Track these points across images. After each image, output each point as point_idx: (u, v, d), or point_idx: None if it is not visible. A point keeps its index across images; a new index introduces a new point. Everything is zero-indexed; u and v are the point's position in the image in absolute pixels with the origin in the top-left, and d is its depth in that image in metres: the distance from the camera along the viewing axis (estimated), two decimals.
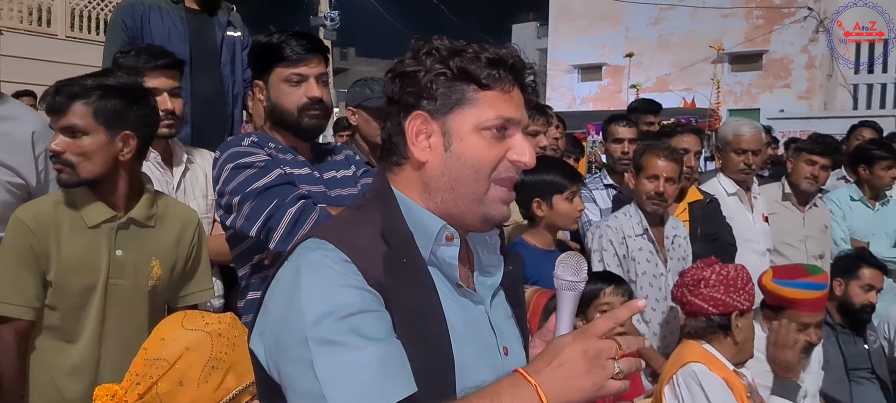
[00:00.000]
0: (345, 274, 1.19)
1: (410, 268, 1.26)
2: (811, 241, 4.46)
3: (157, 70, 2.70)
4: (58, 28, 12.52)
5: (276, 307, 1.23)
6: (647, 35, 22.63)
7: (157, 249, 2.32)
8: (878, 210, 5.01)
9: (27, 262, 2.14)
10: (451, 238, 1.32)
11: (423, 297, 1.26)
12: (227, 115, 3.39)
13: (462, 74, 1.30)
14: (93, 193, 2.22)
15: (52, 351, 2.21)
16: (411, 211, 1.32)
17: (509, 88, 1.33)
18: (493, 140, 1.31)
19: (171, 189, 2.79)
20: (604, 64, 23.85)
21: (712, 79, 17.78)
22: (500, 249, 1.47)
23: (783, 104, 19.77)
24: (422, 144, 1.32)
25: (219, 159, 2.34)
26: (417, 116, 1.31)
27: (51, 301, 2.18)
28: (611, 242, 3.38)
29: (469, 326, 1.31)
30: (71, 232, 2.18)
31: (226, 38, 3.40)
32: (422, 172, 1.33)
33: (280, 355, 1.19)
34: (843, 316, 4.00)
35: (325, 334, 1.13)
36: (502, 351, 1.37)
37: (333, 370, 1.12)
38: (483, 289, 1.40)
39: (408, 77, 1.31)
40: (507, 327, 1.42)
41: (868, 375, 3.97)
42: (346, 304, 1.16)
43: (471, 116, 1.30)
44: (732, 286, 2.82)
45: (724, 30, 21.24)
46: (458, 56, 1.30)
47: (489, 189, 1.32)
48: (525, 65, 1.36)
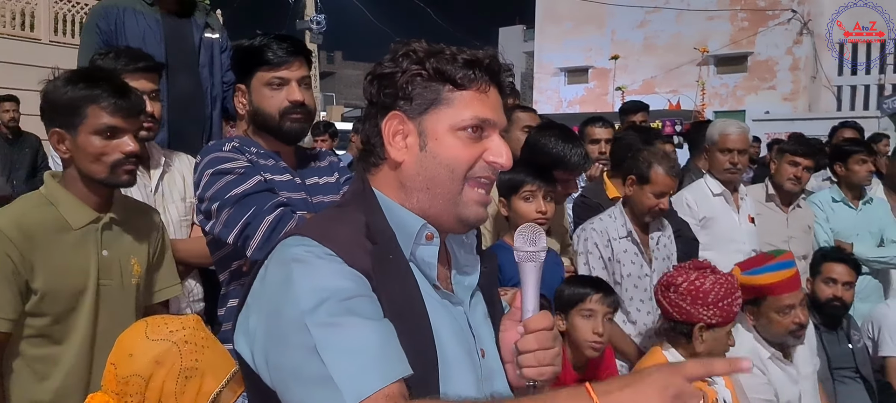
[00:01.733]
0: (333, 263, 1.20)
1: (396, 265, 1.27)
2: (794, 242, 4.48)
3: (138, 72, 2.67)
4: (41, 32, 12.43)
5: (264, 303, 1.22)
6: (632, 38, 22.68)
7: (133, 248, 2.31)
8: (861, 210, 5.03)
9: (5, 272, 2.07)
10: (431, 237, 1.33)
11: (408, 295, 1.26)
12: (205, 117, 3.37)
13: (438, 75, 1.31)
14: (73, 195, 2.20)
15: (41, 357, 2.16)
16: (392, 210, 1.33)
17: (486, 89, 1.34)
18: (469, 140, 1.31)
19: (149, 192, 2.77)
20: (590, 66, 23.88)
21: (697, 81, 17.85)
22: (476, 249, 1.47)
23: (768, 106, 19.85)
24: (398, 144, 1.33)
25: (199, 164, 2.32)
26: (394, 116, 1.32)
27: (38, 308, 2.13)
28: (596, 245, 3.37)
29: (450, 327, 1.31)
30: (55, 236, 2.15)
31: (204, 39, 3.37)
32: (398, 172, 1.33)
33: (276, 348, 1.17)
34: (816, 312, 4.01)
35: (324, 318, 1.14)
36: (480, 353, 1.37)
37: (338, 350, 1.12)
38: (461, 290, 1.40)
39: (385, 78, 1.32)
40: (485, 328, 1.42)
41: (852, 375, 3.99)
42: (342, 289, 1.17)
43: (446, 116, 1.31)
44: (701, 299, 2.78)
45: (710, 32, 21.32)
46: (434, 57, 1.31)
47: (463, 189, 1.32)
48: (502, 66, 1.36)
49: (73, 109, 2.14)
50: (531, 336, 1.34)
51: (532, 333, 1.34)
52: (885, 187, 5.32)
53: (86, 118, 2.14)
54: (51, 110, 2.18)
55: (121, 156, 2.17)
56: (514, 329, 1.41)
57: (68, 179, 2.23)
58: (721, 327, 2.80)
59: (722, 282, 2.80)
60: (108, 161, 2.17)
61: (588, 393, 1.08)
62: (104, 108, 2.14)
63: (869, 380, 4.02)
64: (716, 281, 2.80)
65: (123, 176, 2.20)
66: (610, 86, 22.49)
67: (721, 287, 2.79)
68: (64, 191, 2.21)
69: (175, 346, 1.69)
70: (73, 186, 2.21)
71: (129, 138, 2.19)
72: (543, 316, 1.36)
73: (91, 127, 2.14)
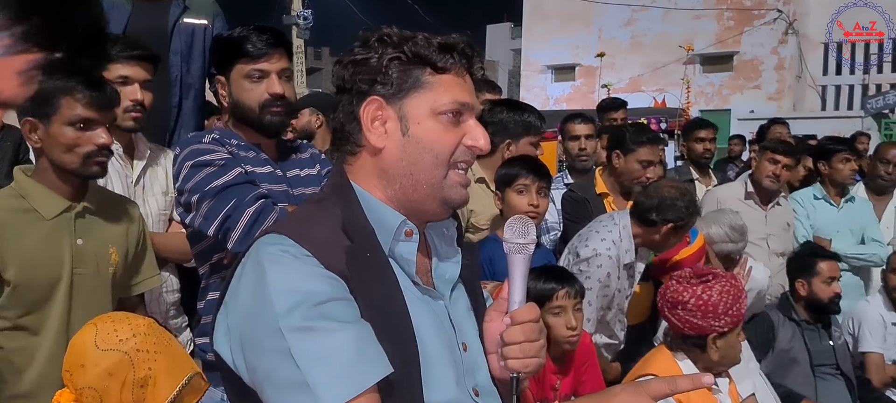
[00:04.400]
0: (309, 264, 1.18)
1: (374, 263, 1.25)
2: (773, 239, 4.52)
3: (132, 59, 2.68)
4: None
5: (241, 304, 1.20)
6: (619, 36, 22.76)
7: (110, 237, 2.30)
8: (842, 208, 5.07)
9: None
10: (410, 233, 1.31)
11: (387, 293, 1.24)
12: (172, 106, 3.26)
13: (416, 58, 1.29)
14: (44, 185, 2.19)
15: (14, 348, 2.15)
16: (370, 205, 1.30)
17: (462, 73, 1.33)
18: (449, 124, 1.30)
19: (130, 183, 2.74)
20: (577, 64, 23.95)
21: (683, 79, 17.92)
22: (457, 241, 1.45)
23: (753, 105, 19.98)
24: (378, 130, 1.30)
25: (178, 156, 2.30)
26: (372, 101, 1.29)
27: (11, 299, 2.12)
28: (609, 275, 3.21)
29: (430, 322, 1.29)
30: (29, 227, 2.13)
31: (180, 24, 3.25)
32: (379, 159, 1.31)
33: (252, 351, 1.16)
34: (811, 312, 4.05)
35: (299, 322, 1.12)
36: (462, 347, 1.34)
37: (313, 355, 1.10)
38: (442, 284, 1.38)
39: (359, 64, 1.29)
40: (467, 322, 1.40)
41: (833, 371, 4.03)
42: (316, 292, 1.15)
43: (427, 100, 1.29)
44: (711, 312, 2.74)
45: (696, 31, 21.42)
46: (410, 42, 1.29)
47: (448, 173, 1.31)
48: (475, 51, 1.35)
49: (46, 99, 2.14)
50: (517, 328, 1.33)
51: (519, 325, 1.33)
52: (866, 188, 5.36)
53: (59, 108, 2.15)
54: None
55: (93, 148, 2.18)
56: (499, 319, 1.39)
57: (39, 170, 2.22)
58: (733, 331, 2.79)
59: (727, 290, 2.75)
60: (81, 152, 2.17)
61: None
62: (78, 100, 2.15)
63: (849, 376, 4.06)
64: (722, 290, 2.75)
65: (94, 167, 2.21)
66: (597, 84, 22.53)
67: (728, 294, 2.75)
68: (34, 182, 2.20)
69: (126, 356, 1.66)
70: (43, 177, 2.21)
71: (103, 130, 2.20)
72: (530, 308, 1.36)
73: (64, 118, 2.15)
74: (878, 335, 4.42)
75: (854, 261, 4.95)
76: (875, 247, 4.93)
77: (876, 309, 4.51)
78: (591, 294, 3.17)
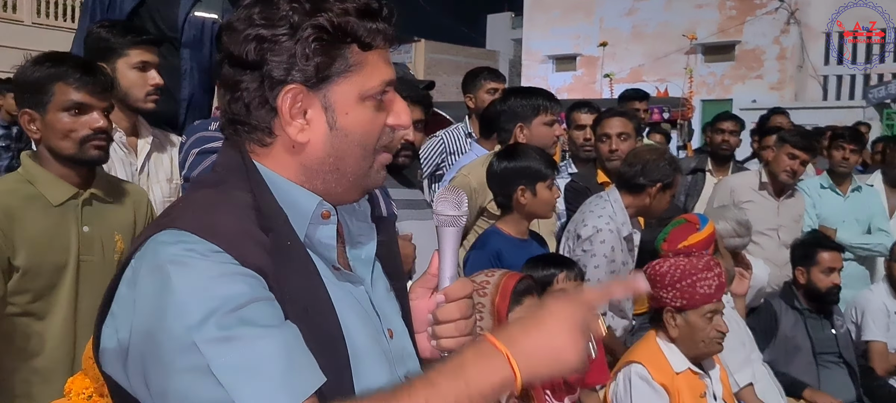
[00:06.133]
0: (221, 262, 1.00)
1: (294, 254, 1.09)
2: (784, 231, 4.51)
3: (149, 44, 2.74)
4: (24, 14, 12.32)
5: (139, 317, 1.00)
6: (620, 25, 22.70)
7: (117, 224, 2.31)
8: (848, 197, 5.07)
9: None
10: (327, 215, 1.16)
11: (310, 287, 1.09)
12: (181, 99, 3.27)
13: (340, 34, 1.09)
14: (51, 172, 2.20)
15: (24, 333, 2.16)
16: (279, 187, 1.13)
17: (387, 45, 1.15)
18: (374, 109, 1.14)
19: (134, 171, 2.75)
20: (578, 54, 23.90)
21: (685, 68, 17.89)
22: (371, 216, 1.29)
23: (755, 95, 19.94)
24: (299, 123, 1.11)
25: (185, 143, 2.30)
26: (290, 90, 1.09)
27: (20, 285, 2.12)
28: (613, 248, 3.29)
29: (355, 314, 1.15)
30: (36, 213, 2.15)
31: (191, 17, 3.26)
32: (300, 155, 1.12)
33: (158, 372, 0.97)
34: (811, 301, 4.05)
35: (216, 332, 0.94)
36: (387, 334, 1.21)
37: (237, 368, 0.93)
38: (359, 266, 1.23)
39: (269, 42, 1.08)
40: (389, 305, 1.26)
41: (836, 359, 4.03)
42: (233, 295, 0.97)
43: (355, 85, 1.11)
44: (658, 282, 2.82)
45: (698, 20, 21.36)
46: (323, 10, 1.08)
47: (374, 162, 1.17)
48: (393, 10, 1.15)
49: (40, 88, 2.16)
50: (453, 305, 1.24)
51: (454, 302, 1.24)
52: (883, 180, 5.37)
53: (53, 96, 2.16)
54: (20, 91, 2.21)
55: (89, 132, 2.18)
56: (427, 296, 1.29)
57: (43, 158, 2.23)
58: (692, 310, 2.79)
59: (680, 265, 2.81)
60: (77, 137, 2.17)
61: (493, 345, 1.02)
62: (70, 85, 2.16)
63: (852, 365, 4.06)
64: (673, 264, 2.82)
65: (92, 151, 2.21)
66: (598, 74, 22.51)
67: (677, 268, 2.80)
68: (41, 169, 2.21)
69: None
70: (50, 165, 2.21)
71: (98, 114, 2.20)
72: (464, 284, 1.26)
73: (59, 104, 2.16)
74: (882, 323, 4.42)
75: (859, 251, 4.95)
76: (881, 237, 4.92)
77: (879, 298, 4.51)
78: (599, 271, 3.23)
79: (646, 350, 2.85)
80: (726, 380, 3.02)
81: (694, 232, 3.26)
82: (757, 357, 3.62)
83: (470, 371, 0.99)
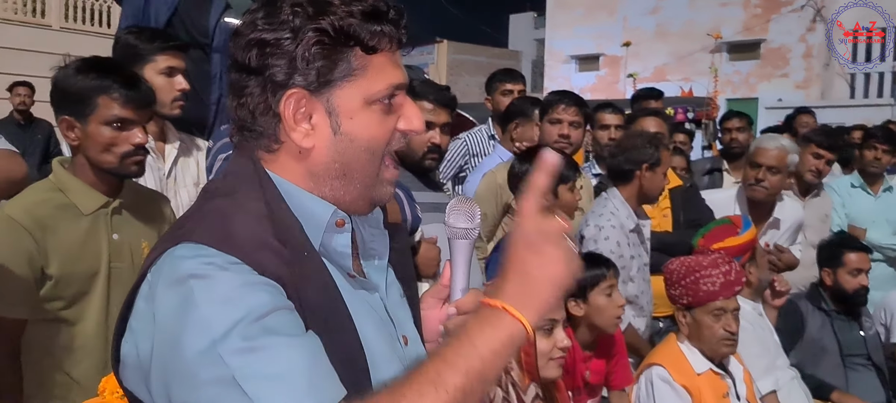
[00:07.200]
0: (241, 272, 1.00)
1: (311, 264, 1.09)
2: (809, 230, 4.45)
3: (175, 50, 2.77)
4: (52, 19, 12.49)
5: (160, 331, 0.99)
6: (644, 24, 22.57)
7: (143, 232, 2.34)
8: (879, 197, 5.00)
9: (20, 260, 2.09)
10: (342, 223, 1.15)
11: (327, 295, 1.09)
12: (211, 102, 3.32)
13: (343, 37, 1.08)
14: (82, 181, 2.22)
15: (56, 339, 2.19)
16: (293, 196, 1.12)
17: (394, 47, 1.13)
18: (382, 113, 1.12)
19: (162, 176, 2.78)
20: (601, 54, 23.80)
21: (710, 67, 17.74)
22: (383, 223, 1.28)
23: (781, 93, 19.73)
24: (303, 128, 1.10)
25: (212, 149, 2.33)
26: (293, 95, 1.08)
27: (53, 292, 2.15)
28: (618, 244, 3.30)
29: (371, 320, 1.16)
30: (68, 223, 2.17)
31: (221, 23, 3.32)
32: (306, 160, 1.12)
33: (182, 386, 0.96)
34: (838, 303, 4.00)
35: (241, 343, 0.94)
36: (402, 341, 1.22)
37: (263, 378, 0.93)
38: (374, 273, 1.23)
39: (270, 46, 1.07)
40: (402, 311, 1.26)
41: (864, 362, 3.97)
42: (255, 305, 0.97)
43: (359, 89, 1.10)
44: (667, 280, 2.89)
45: (722, 19, 21.18)
46: (328, 13, 1.07)
47: (381, 168, 1.15)
48: (402, 12, 1.13)
49: (83, 98, 2.15)
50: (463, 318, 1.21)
51: (464, 315, 1.23)
52: None
53: (96, 108, 2.15)
54: (61, 98, 2.20)
55: (130, 148, 2.19)
56: (439, 307, 1.30)
57: (77, 166, 2.25)
58: (698, 308, 2.80)
59: (686, 262, 2.86)
60: (118, 151, 2.18)
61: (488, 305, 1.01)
62: (115, 99, 2.15)
63: (881, 367, 4.00)
64: (682, 262, 2.86)
65: (132, 167, 2.23)
66: (621, 74, 22.41)
67: (683, 265, 2.85)
68: (73, 177, 2.23)
69: None
70: (82, 173, 2.23)
71: (139, 130, 2.21)
72: (475, 296, 1.24)
73: (101, 117, 2.16)
74: None
75: (889, 252, 4.88)
76: None
77: None
78: None
79: (666, 352, 2.85)
80: (750, 381, 3.00)
81: (733, 234, 3.25)
82: (783, 364, 3.58)
83: (475, 335, 0.99)
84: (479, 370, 0.97)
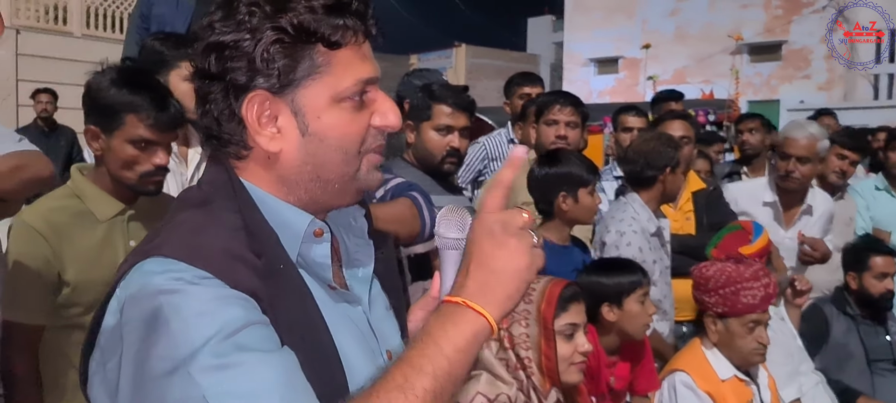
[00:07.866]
0: (211, 288, 0.96)
1: (287, 276, 1.05)
2: (834, 233, 4.39)
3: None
4: (74, 26, 12.59)
5: (128, 348, 0.95)
6: (663, 27, 22.46)
7: None
8: None
9: (38, 267, 2.11)
10: (320, 233, 1.11)
11: (304, 309, 1.05)
12: None
13: (303, 34, 1.03)
14: (100, 188, 2.24)
15: (75, 344, 2.18)
16: (268, 205, 1.08)
17: (361, 40, 1.08)
18: (353, 110, 1.08)
19: (185, 181, 2.79)
20: (620, 57, 23.72)
21: (731, 69, 17.61)
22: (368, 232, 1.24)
23: (803, 95, 19.55)
24: (269, 132, 1.06)
25: None
26: (255, 98, 1.04)
27: (70, 299, 2.16)
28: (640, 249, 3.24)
29: (351, 334, 1.12)
30: (85, 230, 2.18)
31: None
32: (276, 165, 1.08)
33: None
34: (863, 307, 3.94)
35: (212, 360, 0.90)
36: (386, 356, 1.17)
37: (235, 396, 0.89)
38: (357, 284, 1.19)
39: (229, 49, 1.03)
40: (388, 325, 1.22)
41: (890, 367, 3.92)
42: (229, 320, 0.93)
43: (325, 87, 1.05)
44: (702, 286, 2.84)
45: (743, 20, 21.05)
46: (287, 11, 1.02)
47: (361, 164, 1.10)
48: (368, 3, 1.09)
49: (112, 113, 2.14)
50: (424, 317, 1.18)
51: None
52: None
53: (123, 125, 2.14)
54: (91, 105, 2.19)
55: (151, 168, 2.19)
56: None
57: (98, 174, 2.26)
58: (733, 318, 2.76)
59: (726, 270, 2.78)
60: (139, 170, 2.18)
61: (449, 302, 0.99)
62: (143, 119, 2.14)
63: None
64: (720, 269, 2.80)
65: (150, 186, 2.22)
66: (641, 76, 22.30)
67: (722, 274, 2.78)
68: (91, 185, 2.24)
69: None
70: (100, 180, 2.24)
71: (163, 151, 2.20)
72: None
73: (127, 135, 2.15)
74: None
75: None
76: None
77: None
78: None
79: (690, 358, 2.82)
80: (774, 387, 2.96)
81: (745, 242, 3.22)
82: (807, 369, 3.54)
83: (438, 335, 0.96)
84: (447, 370, 0.94)
